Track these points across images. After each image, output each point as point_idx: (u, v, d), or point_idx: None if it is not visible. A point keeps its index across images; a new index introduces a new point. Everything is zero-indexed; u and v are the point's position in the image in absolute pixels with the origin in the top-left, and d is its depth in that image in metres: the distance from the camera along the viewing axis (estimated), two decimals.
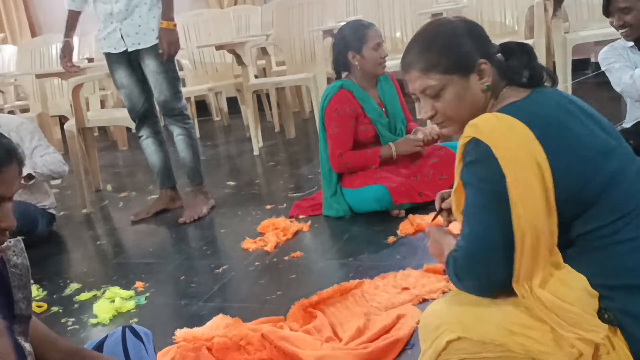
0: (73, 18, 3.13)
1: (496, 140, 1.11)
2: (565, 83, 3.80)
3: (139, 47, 2.97)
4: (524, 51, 1.27)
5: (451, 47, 1.23)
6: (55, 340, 1.26)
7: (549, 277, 1.11)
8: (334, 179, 2.78)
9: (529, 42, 3.77)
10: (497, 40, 1.32)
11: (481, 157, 1.12)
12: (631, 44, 2.48)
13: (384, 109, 2.81)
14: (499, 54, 1.27)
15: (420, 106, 1.28)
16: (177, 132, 3.13)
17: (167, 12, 2.92)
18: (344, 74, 2.80)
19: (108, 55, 3.09)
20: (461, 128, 1.23)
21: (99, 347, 1.34)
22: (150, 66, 2.99)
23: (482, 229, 1.13)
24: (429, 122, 1.35)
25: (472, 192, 1.15)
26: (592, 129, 1.16)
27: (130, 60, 3.04)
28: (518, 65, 1.24)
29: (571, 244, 1.15)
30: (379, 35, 2.73)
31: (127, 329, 1.36)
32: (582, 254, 1.14)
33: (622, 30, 2.39)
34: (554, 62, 3.96)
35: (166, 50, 2.91)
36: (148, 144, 3.26)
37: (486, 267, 1.15)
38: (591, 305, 1.10)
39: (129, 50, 3.00)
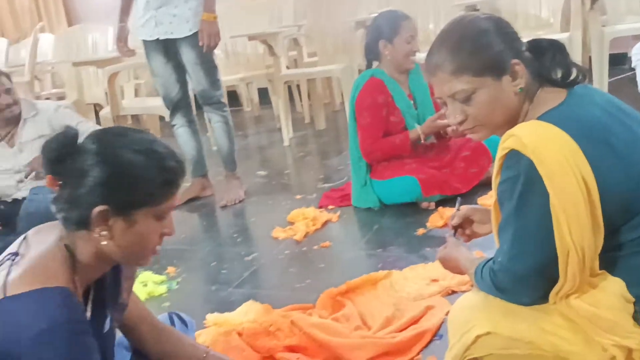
0: (127, 2, 3.17)
1: (539, 155, 1.04)
2: (601, 78, 3.73)
3: (171, 37, 3.01)
4: (556, 48, 1.19)
5: (482, 47, 1.15)
6: (148, 315, 1.32)
7: (587, 288, 1.09)
8: (363, 170, 2.79)
9: (565, 35, 3.71)
10: (532, 34, 1.26)
11: (523, 172, 1.06)
12: None
13: (413, 102, 2.80)
14: (528, 52, 1.19)
15: (448, 111, 1.20)
16: (215, 119, 3.19)
17: (209, 4, 2.94)
18: (374, 64, 2.80)
19: (144, 43, 3.13)
20: (492, 133, 1.20)
21: None
22: (187, 56, 3.02)
23: (524, 249, 1.10)
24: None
25: (512, 208, 1.09)
26: (635, 130, 1.12)
27: (166, 49, 3.07)
28: (551, 64, 1.17)
29: (614, 249, 1.11)
30: (413, 28, 2.71)
31: (174, 315, 1.40)
32: (623, 258, 1.10)
33: None
34: (590, 57, 3.89)
35: (206, 42, 2.94)
36: (181, 133, 3.31)
37: (529, 286, 1.12)
38: (627, 310, 1.08)
39: (161, 38, 3.04)
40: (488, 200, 2.58)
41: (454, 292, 1.89)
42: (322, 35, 4.65)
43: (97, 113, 4.85)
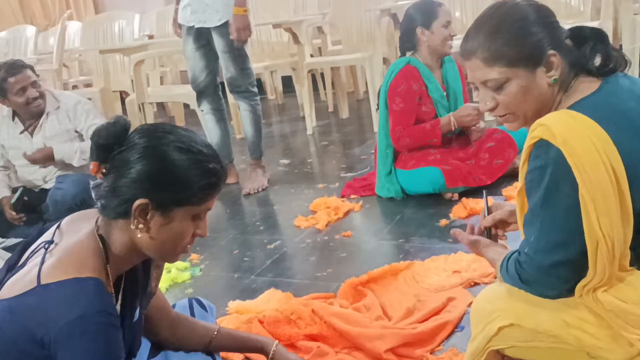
0: None
1: (569, 145, 1.02)
2: (632, 67, 3.64)
3: (204, 25, 3.05)
4: (597, 38, 1.15)
5: (520, 36, 1.12)
6: (165, 304, 1.35)
7: (616, 282, 1.07)
8: (390, 158, 2.77)
9: (595, 24, 3.63)
10: (562, 23, 1.22)
11: (551, 162, 1.04)
12: None
13: (445, 92, 2.77)
14: (568, 40, 1.16)
15: (479, 96, 1.19)
16: (242, 107, 3.23)
17: None
18: (408, 54, 2.77)
19: (182, 26, 3.19)
20: (524, 124, 1.18)
21: None
22: (218, 45, 3.07)
23: (551, 240, 1.08)
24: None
25: (540, 199, 1.07)
26: None
27: (199, 36, 3.11)
28: (590, 54, 1.13)
29: None
30: (449, 14, 2.70)
31: (193, 300, 1.42)
32: None
33: None
34: (620, 46, 3.80)
35: (236, 35, 2.97)
36: (208, 119, 3.35)
37: (555, 279, 1.11)
38: None
39: (196, 26, 3.08)
40: (513, 191, 2.55)
41: (476, 283, 1.88)
42: (346, 24, 4.63)
43: (123, 100, 4.91)
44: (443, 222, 2.41)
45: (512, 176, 2.71)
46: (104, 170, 1.06)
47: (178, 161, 1.04)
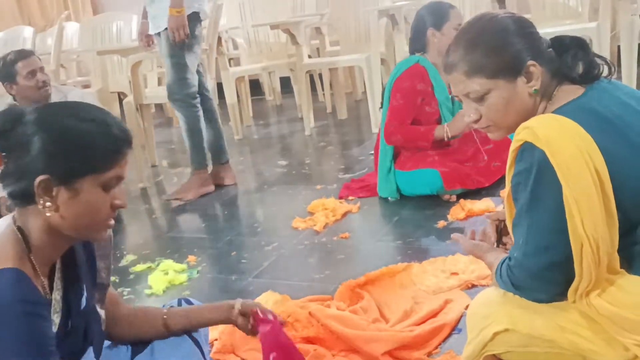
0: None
1: (552, 146, 1.03)
2: (630, 68, 3.64)
3: (160, 31, 3.07)
4: (578, 46, 1.17)
5: (498, 47, 1.14)
6: (122, 303, 1.32)
7: (607, 285, 1.07)
8: (389, 156, 2.76)
9: (593, 25, 3.63)
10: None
11: (536, 164, 1.05)
12: None
13: (452, 96, 2.76)
14: (550, 50, 1.17)
15: (464, 108, 1.21)
16: (179, 116, 3.21)
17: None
18: (417, 54, 2.76)
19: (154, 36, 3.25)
20: (507, 133, 1.19)
21: None
22: (160, 50, 3.12)
23: (538, 243, 1.08)
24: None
25: (526, 202, 1.08)
26: None
27: (161, 41, 3.14)
28: (572, 62, 1.15)
29: (632, 246, 1.09)
30: (460, 17, 2.69)
31: (182, 301, 1.41)
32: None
33: None
34: (618, 47, 3.80)
35: (170, 36, 2.98)
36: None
37: (545, 282, 1.11)
38: None
39: (155, 33, 3.13)
40: None
41: (473, 285, 1.87)
42: (344, 24, 4.62)
43: (121, 101, 4.90)
44: (441, 223, 2.40)
45: None
46: (5, 160, 1.02)
47: (74, 128, 1.01)
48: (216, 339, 1.72)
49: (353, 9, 4.52)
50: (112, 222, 1.08)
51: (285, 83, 5.73)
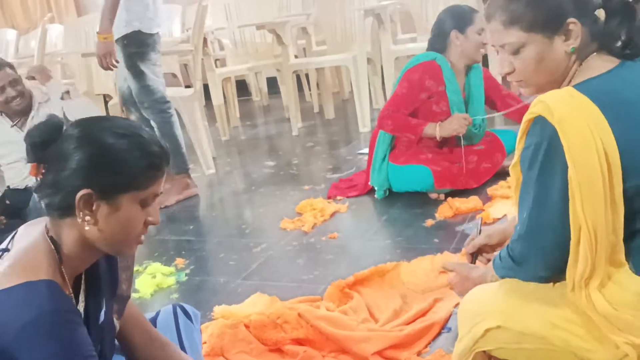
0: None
1: (564, 125, 1.01)
2: None
3: (119, 36, 3.01)
4: (625, 13, 1.11)
5: (540, 1, 1.10)
6: (143, 321, 1.31)
7: (607, 280, 1.06)
8: (386, 145, 2.75)
9: None
10: None
11: (546, 140, 1.04)
12: None
13: (465, 99, 2.73)
14: (601, 9, 1.11)
15: (498, 59, 1.18)
16: (151, 121, 3.17)
17: (100, 24, 2.88)
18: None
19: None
20: (538, 91, 1.16)
21: (151, 322, 1.38)
22: (119, 59, 3.03)
23: (542, 220, 1.08)
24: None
25: (533, 176, 1.07)
26: None
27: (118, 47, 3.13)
28: (616, 30, 1.10)
29: (634, 236, 1.07)
30: (484, 22, 2.68)
31: (177, 307, 1.40)
32: None
33: None
34: None
35: (99, 61, 2.94)
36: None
37: (546, 260, 1.10)
38: None
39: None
40: (498, 190, 2.56)
41: None
42: (330, 24, 4.62)
43: (106, 103, 4.86)
44: (429, 222, 2.41)
45: (498, 176, 2.72)
46: (43, 171, 1.03)
47: (116, 145, 1.02)
48: (204, 342, 1.71)
49: (339, 9, 4.51)
50: (143, 238, 1.09)
51: (272, 83, 5.72)
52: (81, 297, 1.10)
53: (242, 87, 6.07)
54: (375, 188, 2.78)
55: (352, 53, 4.13)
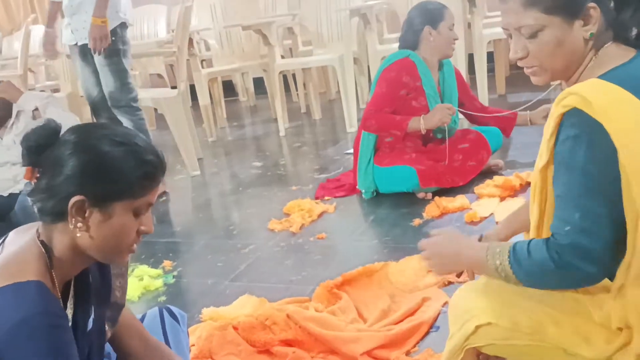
0: (54, 10, 3.29)
1: (607, 113, 0.97)
2: None
3: (84, 42, 3.09)
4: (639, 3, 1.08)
5: None
6: (138, 328, 1.30)
7: None
8: (370, 148, 2.76)
9: None
10: None
11: (588, 131, 0.98)
12: None
13: (440, 94, 2.77)
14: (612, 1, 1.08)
15: (511, 43, 1.12)
16: (125, 123, 3.21)
17: (98, 9, 2.97)
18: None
19: (68, 46, 3.26)
20: (551, 78, 1.13)
21: None
22: (96, 60, 3.11)
23: (598, 217, 1.00)
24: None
25: (575, 167, 1.01)
26: None
27: (84, 53, 3.16)
28: (630, 20, 1.07)
29: None
30: (453, 17, 2.74)
31: (164, 310, 1.39)
32: None
33: None
34: None
35: (92, 45, 3.01)
36: None
37: (599, 262, 1.02)
38: None
39: (79, 44, 3.14)
40: (485, 189, 2.57)
41: (450, 283, 1.88)
42: (316, 24, 4.62)
43: None
44: (416, 221, 2.41)
45: (484, 174, 2.73)
46: (38, 175, 1.02)
47: (112, 153, 1.01)
48: (193, 345, 1.70)
49: (325, 9, 4.51)
50: (135, 247, 1.08)
51: (259, 84, 5.70)
52: (69, 304, 1.09)
53: (228, 87, 6.05)
54: (363, 191, 2.79)
55: (339, 53, 4.14)
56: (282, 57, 4.75)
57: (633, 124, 0.97)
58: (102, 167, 1.01)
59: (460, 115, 2.86)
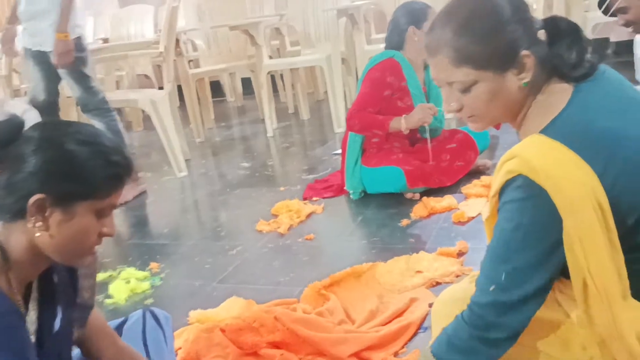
0: (15, 10, 3.26)
1: (554, 183, 0.94)
2: None
3: (41, 49, 3.10)
4: (574, 34, 1.04)
5: (492, 35, 1.01)
6: (111, 334, 1.27)
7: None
8: (357, 149, 2.76)
9: None
10: None
11: (532, 198, 0.96)
12: None
13: (426, 94, 2.78)
14: (542, 32, 1.05)
15: (444, 96, 1.10)
16: (97, 126, 3.19)
17: (60, 24, 2.99)
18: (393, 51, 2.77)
19: (23, 48, 3.24)
20: (491, 125, 1.12)
21: (118, 328, 1.35)
22: (59, 70, 3.11)
23: (527, 275, 1.00)
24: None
25: (518, 237, 0.99)
26: None
27: (38, 58, 3.15)
28: (566, 54, 1.03)
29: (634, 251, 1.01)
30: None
31: (147, 312, 1.37)
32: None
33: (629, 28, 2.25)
34: None
35: (57, 60, 3.02)
36: None
37: (532, 307, 1.02)
38: None
39: (32, 49, 3.13)
40: (472, 189, 2.58)
41: (438, 283, 1.88)
42: (304, 24, 4.61)
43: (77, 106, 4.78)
44: (404, 222, 2.41)
45: (471, 174, 2.74)
46: None
47: (77, 152, 0.98)
48: (180, 348, 1.69)
49: (312, 9, 4.51)
50: (96, 249, 1.06)
51: (247, 84, 5.70)
52: (32, 305, 1.06)
53: (216, 88, 6.03)
54: (351, 192, 2.79)
55: (326, 53, 4.13)
56: (270, 57, 4.74)
57: (576, 195, 0.94)
58: (66, 165, 0.98)
59: (448, 115, 2.87)
